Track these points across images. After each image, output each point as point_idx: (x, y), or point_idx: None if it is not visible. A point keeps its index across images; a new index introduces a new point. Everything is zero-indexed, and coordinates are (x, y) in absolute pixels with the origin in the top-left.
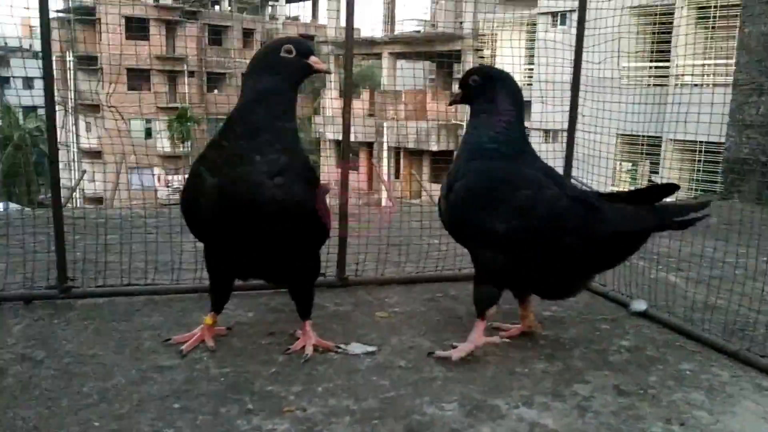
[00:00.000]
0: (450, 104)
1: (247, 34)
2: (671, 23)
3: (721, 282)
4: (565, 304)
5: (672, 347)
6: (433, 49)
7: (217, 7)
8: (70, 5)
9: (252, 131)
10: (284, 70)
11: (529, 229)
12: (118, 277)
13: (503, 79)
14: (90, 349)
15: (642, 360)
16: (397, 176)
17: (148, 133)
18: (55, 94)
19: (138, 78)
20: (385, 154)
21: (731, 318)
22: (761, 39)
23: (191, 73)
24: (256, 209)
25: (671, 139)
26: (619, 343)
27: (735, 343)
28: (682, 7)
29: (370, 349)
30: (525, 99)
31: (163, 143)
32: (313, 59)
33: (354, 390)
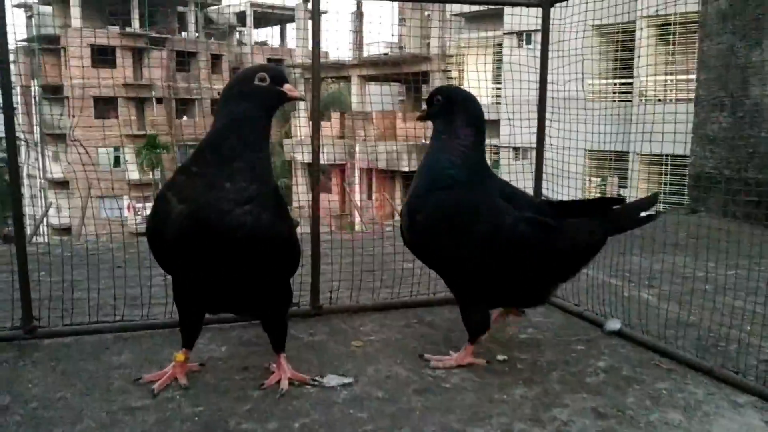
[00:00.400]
0: (417, 120)
1: (216, 59)
2: (633, 41)
3: (693, 297)
4: (541, 326)
5: (647, 366)
6: (402, 71)
7: (184, 33)
8: (34, 34)
9: (223, 159)
10: (258, 98)
11: (492, 255)
12: (86, 314)
13: (465, 101)
14: (58, 391)
15: (618, 381)
16: (369, 197)
17: (117, 162)
18: (17, 127)
19: (105, 106)
20: (357, 175)
21: (704, 334)
22: (719, 55)
23: (159, 100)
24: (224, 237)
25: (638, 154)
26: (596, 364)
27: (709, 360)
28: (641, 29)
29: (347, 380)
30: (493, 118)
31: (132, 172)
32: (287, 87)
33: (331, 424)
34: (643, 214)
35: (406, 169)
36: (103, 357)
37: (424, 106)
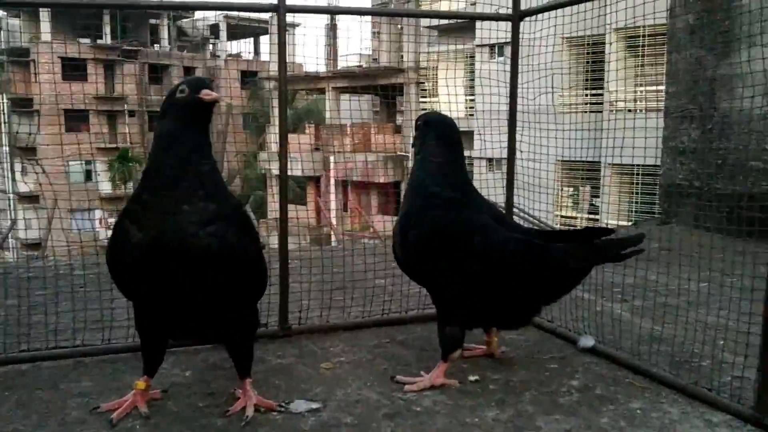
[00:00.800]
0: (413, 146)
1: (189, 71)
2: (603, 52)
3: (666, 311)
4: (514, 344)
5: (621, 384)
6: (376, 83)
7: (157, 46)
8: (3, 46)
9: (168, 180)
10: (179, 110)
11: (484, 271)
12: (44, 339)
13: (436, 123)
14: (11, 423)
15: (592, 400)
16: (345, 209)
17: (88, 176)
18: None
19: (76, 119)
20: (332, 187)
21: (677, 350)
22: (688, 68)
23: (131, 113)
24: (190, 262)
25: (609, 164)
26: (569, 383)
27: (683, 377)
28: (611, 43)
29: (315, 405)
30: (466, 130)
31: (104, 184)
32: (203, 92)
33: None
34: (629, 249)
35: (382, 180)
36: (60, 385)
37: (399, 121)
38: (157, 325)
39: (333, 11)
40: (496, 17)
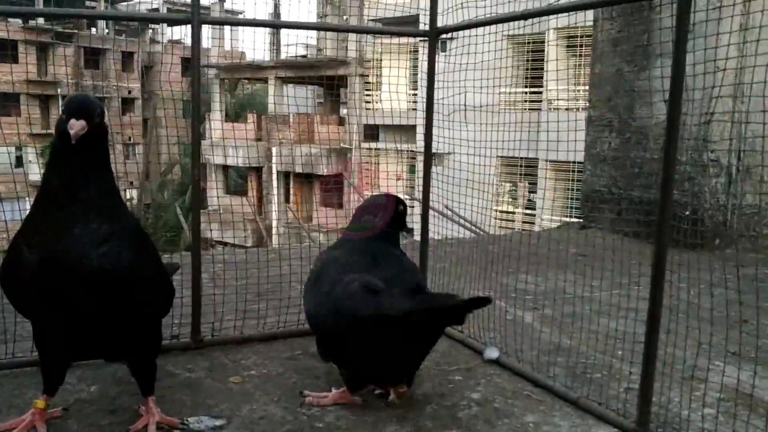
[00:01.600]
0: None
1: (127, 57)
2: (543, 51)
3: (573, 319)
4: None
5: (520, 397)
6: (320, 74)
7: (93, 29)
8: None
9: (57, 203)
10: (59, 133)
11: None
12: None
13: None
14: None
15: (490, 414)
16: (287, 201)
17: (19, 162)
18: None
19: (6, 103)
20: (274, 179)
21: (575, 360)
22: (609, 78)
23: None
24: (82, 282)
25: (546, 161)
26: (470, 396)
27: (576, 390)
28: (551, 42)
29: (218, 422)
30: (410, 123)
31: (33, 171)
32: (70, 123)
33: None
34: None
35: (324, 171)
36: None
37: (343, 113)
38: (55, 345)
39: (248, 23)
40: (415, 34)
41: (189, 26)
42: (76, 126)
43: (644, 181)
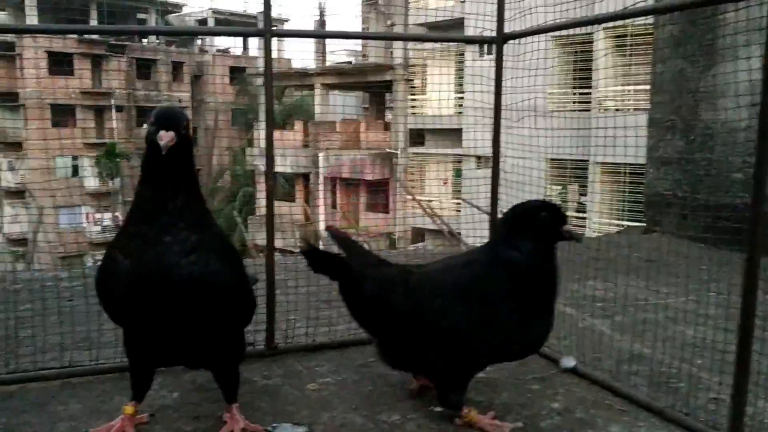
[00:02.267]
0: None
1: (177, 67)
2: (591, 51)
3: (646, 327)
4: (498, 364)
5: (601, 407)
6: (365, 80)
7: (144, 41)
8: None
9: (148, 215)
10: (149, 144)
11: None
12: (32, 357)
13: None
14: None
15: (573, 424)
16: (333, 206)
17: (75, 171)
18: None
19: (63, 114)
20: (321, 184)
21: (656, 369)
22: (672, 79)
23: (119, 108)
24: (173, 290)
25: (597, 163)
26: (550, 406)
27: (660, 400)
28: (599, 40)
29: (300, 429)
30: (456, 127)
31: (91, 180)
32: (160, 135)
33: None
34: None
35: (370, 177)
36: (48, 407)
37: (389, 117)
38: (145, 353)
39: (318, 35)
40: (481, 40)
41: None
42: (165, 137)
43: (711, 184)
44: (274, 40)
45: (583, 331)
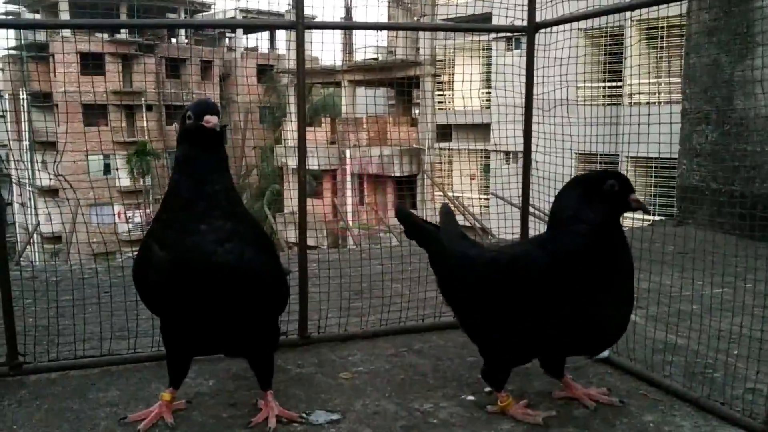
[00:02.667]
0: None
1: (206, 66)
2: (621, 44)
3: (680, 318)
4: None
5: (635, 396)
6: (392, 76)
7: (173, 40)
8: (22, 42)
9: (185, 202)
10: (189, 135)
11: None
12: (72, 345)
13: None
14: None
15: (606, 413)
16: (361, 203)
17: (107, 169)
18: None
19: (95, 114)
20: (348, 181)
21: (691, 359)
22: (705, 69)
23: (149, 107)
24: (210, 278)
25: (628, 157)
26: None
27: (695, 389)
28: (630, 27)
29: (334, 417)
30: (484, 122)
31: (123, 179)
32: (206, 118)
33: None
34: None
35: (398, 173)
36: (89, 394)
37: (416, 114)
38: (182, 341)
39: (349, 27)
40: (512, 29)
41: (267, 33)
42: (212, 120)
43: (746, 175)
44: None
45: None
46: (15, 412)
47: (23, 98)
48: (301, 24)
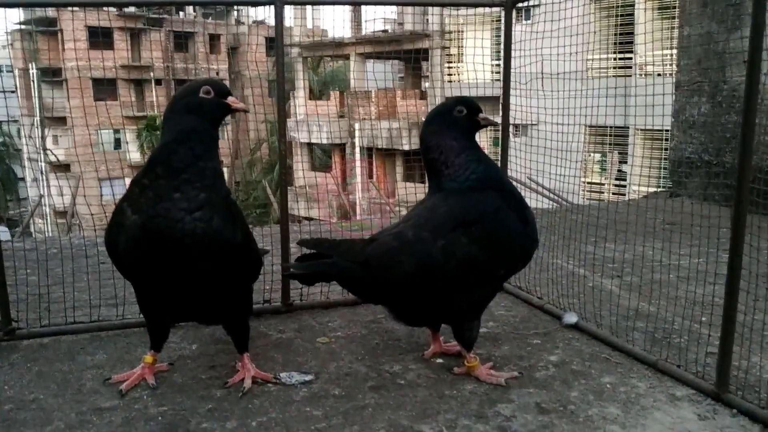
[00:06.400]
0: None
1: (214, 39)
2: (632, 15)
3: (655, 287)
4: (502, 320)
5: (597, 360)
6: (401, 48)
7: (181, 14)
8: (31, 17)
9: (173, 171)
10: (204, 110)
11: None
12: (64, 313)
13: None
14: (31, 393)
15: (566, 375)
16: (370, 176)
17: (117, 144)
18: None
19: (104, 88)
20: (357, 154)
21: (658, 326)
22: (699, 40)
23: (158, 81)
24: (177, 245)
25: (638, 129)
26: (548, 359)
27: (656, 353)
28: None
29: (307, 377)
30: (494, 95)
31: (133, 153)
32: (231, 99)
33: (287, 423)
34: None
35: (406, 147)
36: (78, 357)
37: (425, 86)
38: (154, 307)
39: (331, 2)
40: (490, 3)
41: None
42: (236, 101)
43: (736, 147)
44: (308, 10)
45: (590, 290)
46: (6, 374)
47: (32, 72)
48: (279, 0)
